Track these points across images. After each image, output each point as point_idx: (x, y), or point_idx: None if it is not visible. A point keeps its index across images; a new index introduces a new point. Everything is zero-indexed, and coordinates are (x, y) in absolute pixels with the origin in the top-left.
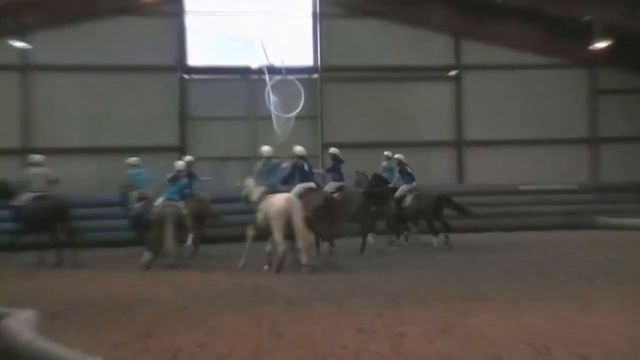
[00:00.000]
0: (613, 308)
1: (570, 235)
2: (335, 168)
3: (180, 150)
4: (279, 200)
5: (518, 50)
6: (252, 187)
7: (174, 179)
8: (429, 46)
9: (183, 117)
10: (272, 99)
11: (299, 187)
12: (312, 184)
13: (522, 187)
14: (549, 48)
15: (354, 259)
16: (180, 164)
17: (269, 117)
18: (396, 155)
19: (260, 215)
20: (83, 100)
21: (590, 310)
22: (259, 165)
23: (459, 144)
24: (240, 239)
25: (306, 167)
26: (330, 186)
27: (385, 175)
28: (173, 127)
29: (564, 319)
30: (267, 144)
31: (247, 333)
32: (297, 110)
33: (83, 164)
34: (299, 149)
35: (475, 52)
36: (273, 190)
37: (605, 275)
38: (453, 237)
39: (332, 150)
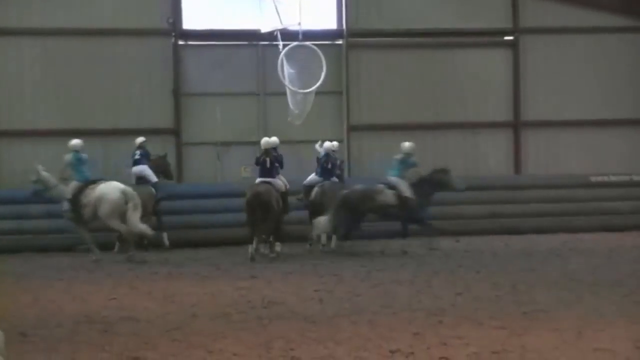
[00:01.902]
0: None
1: None
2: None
3: (174, 133)
4: (112, 192)
5: (591, 9)
6: (48, 178)
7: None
8: (480, 5)
9: (177, 93)
10: (286, 70)
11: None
12: (267, 179)
13: (594, 179)
14: (632, 6)
15: (388, 268)
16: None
17: (282, 93)
18: (326, 144)
19: (88, 210)
20: (52, 72)
21: None
22: (68, 158)
23: (516, 126)
24: (240, 240)
25: (268, 164)
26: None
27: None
28: (165, 105)
29: None
30: (281, 126)
31: (255, 357)
32: (318, 84)
33: (54, 151)
34: (264, 141)
35: (537, 11)
36: (87, 183)
37: None
38: (507, 239)
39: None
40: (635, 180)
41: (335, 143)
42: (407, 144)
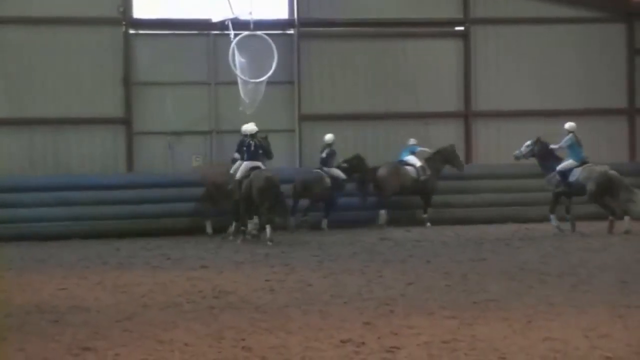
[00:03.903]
0: None
1: (602, 228)
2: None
3: (125, 122)
4: None
5: None
6: None
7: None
8: None
9: (128, 82)
10: (237, 59)
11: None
12: (256, 163)
13: None
14: None
15: (339, 257)
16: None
17: (234, 83)
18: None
19: None
20: (1, 60)
21: (626, 319)
22: None
23: (467, 116)
24: (197, 230)
25: (252, 147)
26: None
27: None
28: (115, 94)
29: (594, 330)
30: (233, 115)
31: (205, 347)
32: (269, 73)
33: (7, 139)
34: (249, 127)
35: (488, 2)
36: None
37: None
38: (457, 229)
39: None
40: None
41: None
42: (569, 124)
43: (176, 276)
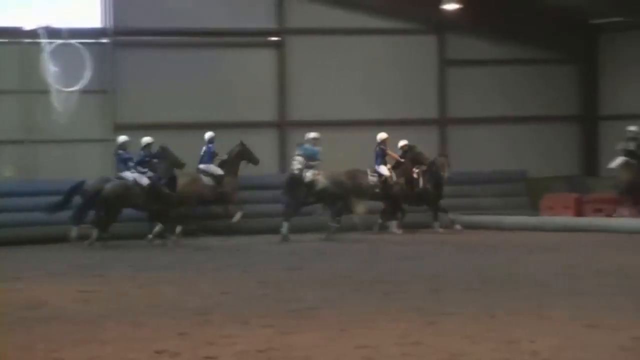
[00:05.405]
0: (466, 321)
1: (414, 237)
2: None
3: None
4: None
5: (356, 11)
6: None
7: None
8: (247, 6)
9: None
10: (50, 68)
11: None
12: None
13: None
14: (394, 8)
15: (155, 268)
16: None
17: (47, 91)
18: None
19: None
20: None
21: (437, 326)
22: None
23: (282, 125)
24: (17, 241)
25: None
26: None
27: None
28: None
29: (406, 337)
30: (46, 124)
31: (15, 359)
32: (82, 82)
33: None
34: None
35: (303, 13)
36: None
37: (454, 282)
38: (274, 238)
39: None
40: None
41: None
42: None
43: None
